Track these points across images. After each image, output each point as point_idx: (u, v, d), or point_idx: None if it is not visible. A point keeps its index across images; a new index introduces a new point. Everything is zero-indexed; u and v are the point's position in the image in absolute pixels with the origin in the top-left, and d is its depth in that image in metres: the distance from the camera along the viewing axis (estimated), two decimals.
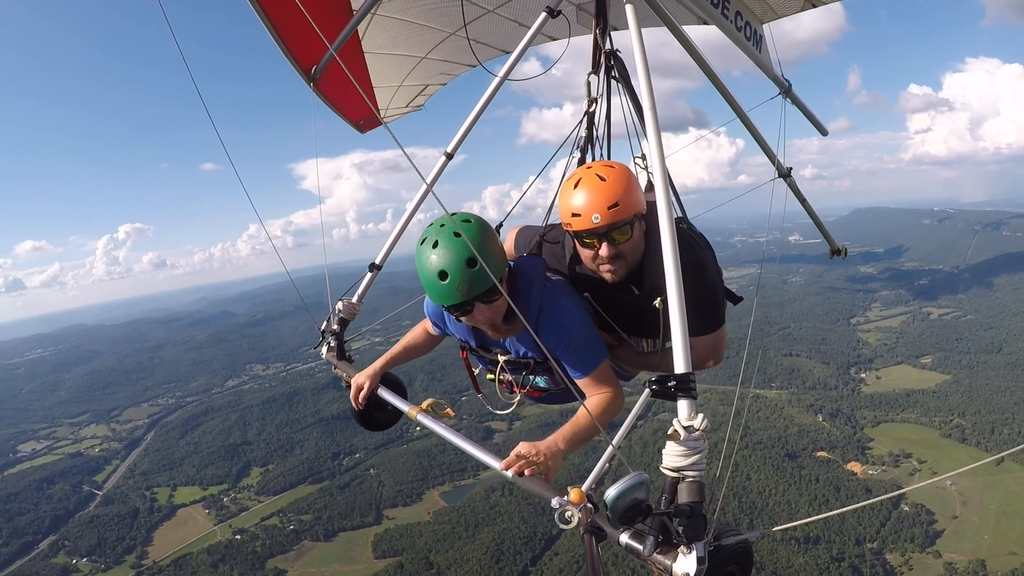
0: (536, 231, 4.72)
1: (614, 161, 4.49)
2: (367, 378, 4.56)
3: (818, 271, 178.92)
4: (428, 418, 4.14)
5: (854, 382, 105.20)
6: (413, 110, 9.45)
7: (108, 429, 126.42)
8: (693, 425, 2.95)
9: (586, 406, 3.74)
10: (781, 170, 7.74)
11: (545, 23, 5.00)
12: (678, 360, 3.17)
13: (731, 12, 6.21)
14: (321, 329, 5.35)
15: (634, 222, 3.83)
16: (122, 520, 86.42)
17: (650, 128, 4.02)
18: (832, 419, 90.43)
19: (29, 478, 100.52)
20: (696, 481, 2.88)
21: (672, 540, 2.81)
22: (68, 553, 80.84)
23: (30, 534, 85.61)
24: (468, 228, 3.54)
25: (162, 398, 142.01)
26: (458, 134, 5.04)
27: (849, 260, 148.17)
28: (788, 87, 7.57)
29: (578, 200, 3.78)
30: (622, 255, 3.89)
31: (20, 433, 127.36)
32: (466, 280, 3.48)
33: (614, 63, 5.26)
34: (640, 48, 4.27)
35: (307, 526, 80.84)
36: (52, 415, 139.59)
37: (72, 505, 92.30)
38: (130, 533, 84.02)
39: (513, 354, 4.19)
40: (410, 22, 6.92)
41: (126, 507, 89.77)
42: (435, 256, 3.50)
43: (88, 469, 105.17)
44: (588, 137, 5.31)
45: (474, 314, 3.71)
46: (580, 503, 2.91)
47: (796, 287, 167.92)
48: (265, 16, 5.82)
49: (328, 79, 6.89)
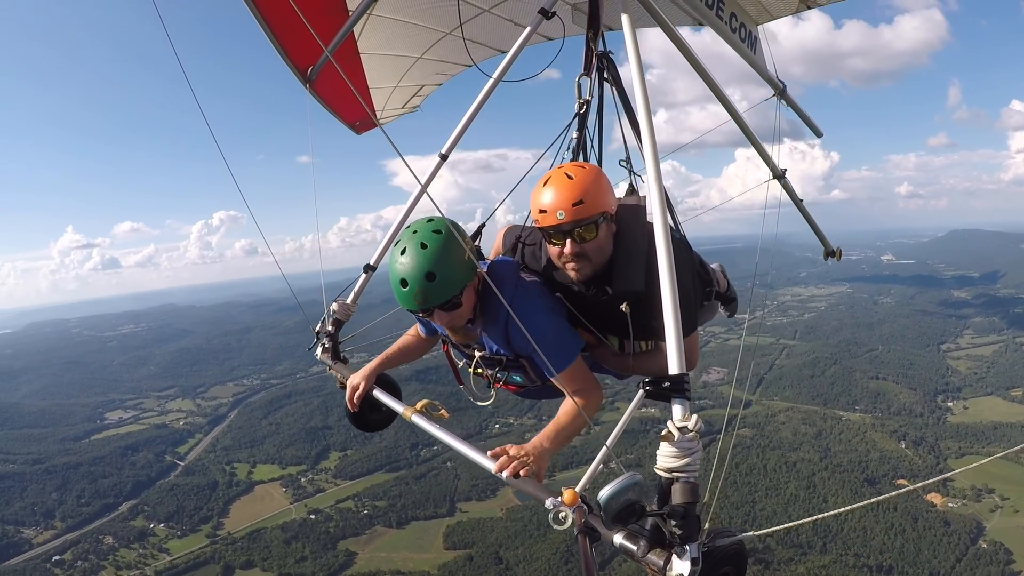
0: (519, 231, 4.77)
1: (587, 163, 4.63)
2: (362, 379, 4.60)
3: (910, 293, 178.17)
4: (423, 419, 4.20)
5: (940, 410, 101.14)
6: (409, 111, 9.49)
7: (193, 404, 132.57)
8: (687, 426, 2.96)
9: (565, 406, 3.84)
10: (775, 171, 7.79)
11: (540, 23, 5.08)
12: (672, 362, 3.18)
13: (726, 14, 6.25)
14: (316, 330, 5.38)
15: (599, 221, 3.85)
16: (201, 491, 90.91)
17: (644, 130, 4.05)
18: (915, 447, 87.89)
19: (114, 444, 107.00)
20: (690, 482, 2.90)
21: (666, 541, 2.83)
22: (147, 518, 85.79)
23: (111, 496, 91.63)
24: (435, 240, 3.70)
25: (247, 379, 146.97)
26: (452, 135, 5.13)
27: (943, 284, 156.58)
28: (783, 89, 7.61)
29: (545, 197, 3.84)
30: (586, 254, 3.91)
31: (109, 402, 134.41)
32: (423, 291, 3.67)
33: (606, 64, 5.29)
34: (635, 49, 4.32)
35: (380, 512, 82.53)
36: (140, 387, 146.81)
37: (154, 473, 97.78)
38: (208, 504, 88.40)
39: (487, 351, 4.26)
40: (406, 22, 6.95)
41: (206, 479, 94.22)
42: (399, 263, 3.71)
43: (172, 440, 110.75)
44: (579, 139, 5.31)
45: (434, 317, 3.90)
46: (574, 504, 2.92)
47: (887, 308, 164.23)
48: (261, 17, 5.86)
49: (324, 80, 6.94)
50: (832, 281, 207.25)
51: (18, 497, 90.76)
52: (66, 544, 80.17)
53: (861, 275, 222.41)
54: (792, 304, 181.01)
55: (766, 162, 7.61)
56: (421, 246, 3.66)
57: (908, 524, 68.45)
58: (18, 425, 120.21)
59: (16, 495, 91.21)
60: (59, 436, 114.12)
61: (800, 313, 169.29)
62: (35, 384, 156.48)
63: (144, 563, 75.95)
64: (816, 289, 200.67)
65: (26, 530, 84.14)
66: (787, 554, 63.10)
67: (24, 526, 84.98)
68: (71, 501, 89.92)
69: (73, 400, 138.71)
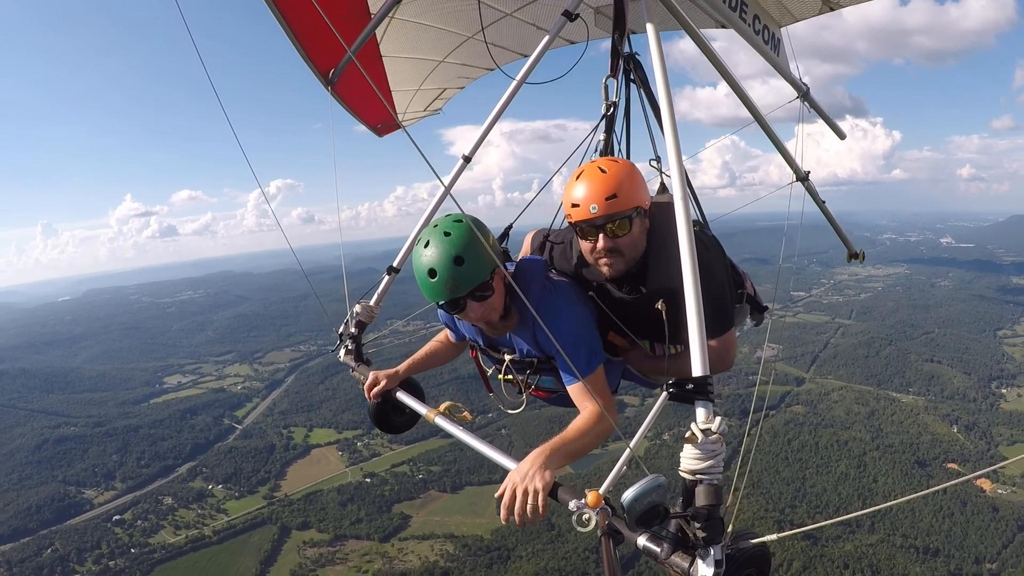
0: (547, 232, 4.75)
1: (620, 158, 4.56)
2: (386, 377, 4.60)
3: (968, 277, 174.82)
4: (446, 420, 4.15)
5: (994, 397, 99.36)
6: (431, 114, 9.43)
7: (251, 369, 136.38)
8: (711, 428, 2.93)
9: (577, 420, 3.70)
10: (799, 174, 7.65)
11: (563, 27, 5.05)
12: (695, 363, 3.14)
13: (749, 16, 6.16)
14: (339, 332, 5.41)
15: (633, 216, 3.83)
16: (258, 454, 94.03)
17: (668, 130, 3.99)
18: (967, 432, 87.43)
19: (173, 408, 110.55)
20: (713, 484, 2.88)
21: (689, 543, 2.82)
22: (205, 479, 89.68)
23: (171, 458, 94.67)
24: (458, 228, 3.66)
25: (304, 345, 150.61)
26: (477, 137, 5.13)
27: (1002, 270, 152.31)
28: (806, 91, 7.47)
29: (578, 191, 3.82)
30: (619, 250, 3.89)
31: (167, 367, 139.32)
32: (453, 278, 3.60)
33: (633, 67, 5.26)
34: (658, 51, 4.26)
35: (435, 476, 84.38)
36: (198, 352, 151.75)
37: (212, 436, 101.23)
38: (265, 466, 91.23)
39: (517, 353, 4.24)
40: (428, 26, 6.91)
41: (263, 442, 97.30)
42: (426, 255, 3.65)
43: (230, 404, 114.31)
44: (607, 141, 5.27)
45: (467, 312, 3.82)
46: (597, 506, 2.87)
47: (944, 292, 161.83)
48: (283, 19, 5.85)
49: (346, 83, 6.90)
50: (890, 262, 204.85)
51: (79, 459, 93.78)
52: (126, 504, 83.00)
53: (920, 257, 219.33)
54: (849, 283, 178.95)
55: (789, 164, 7.49)
56: (445, 235, 3.64)
57: (956, 508, 67.98)
58: (79, 389, 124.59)
59: (77, 457, 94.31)
60: (119, 400, 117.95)
61: (857, 293, 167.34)
62: (95, 349, 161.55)
63: (202, 523, 78.43)
64: (874, 269, 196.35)
65: (87, 491, 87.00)
66: (835, 532, 62.88)
67: (85, 487, 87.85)
68: (131, 463, 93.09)
69: (132, 365, 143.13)
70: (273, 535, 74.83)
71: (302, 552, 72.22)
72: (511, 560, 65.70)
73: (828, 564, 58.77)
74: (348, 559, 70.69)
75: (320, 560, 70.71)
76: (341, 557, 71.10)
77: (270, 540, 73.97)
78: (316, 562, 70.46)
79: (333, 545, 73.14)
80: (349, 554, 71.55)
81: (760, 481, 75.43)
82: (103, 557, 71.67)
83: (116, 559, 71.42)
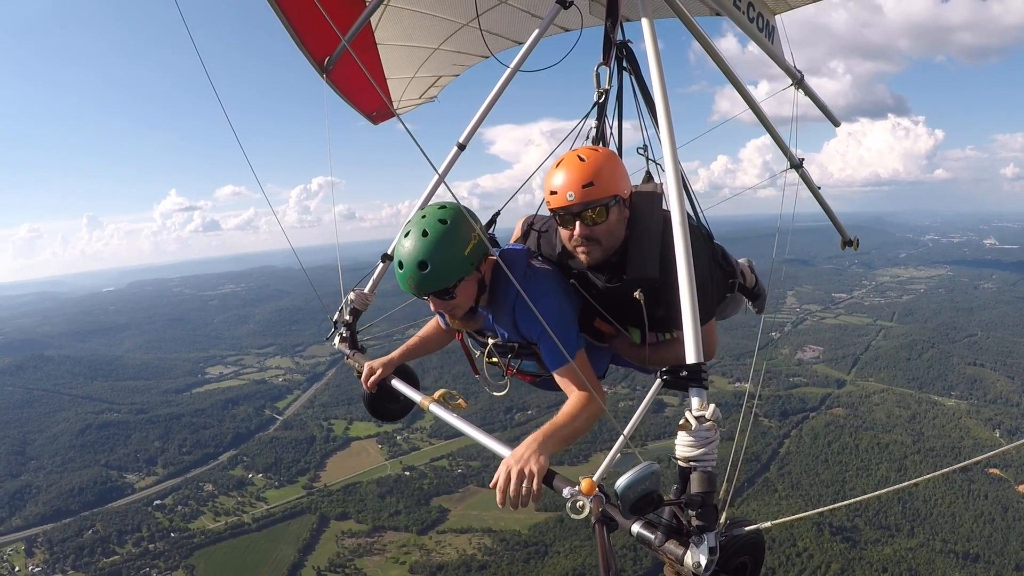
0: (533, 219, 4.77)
1: (601, 147, 4.55)
2: (381, 365, 4.69)
3: (1012, 279, 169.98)
4: (440, 408, 4.21)
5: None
6: (426, 101, 9.43)
7: (292, 362, 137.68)
8: (704, 415, 2.95)
9: (566, 406, 3.72)
10: (793, 161, 7.70)
11: (557, 14, 5.07)
12: (689, 351, 3.17)
13: (743, 3, 6.15)
14: (333, 320, 5.49)
15: (611, 205, 3.82)
16: (299, 444, 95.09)
17: (662, 119, 4.02)
18: (1010, 437, 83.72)
19: (215, 398, 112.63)
20: (707, 471, 2.89)
21: (683, 530, 2.83)
22: (245, 468, 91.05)
23: (212, 446, 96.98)
24: (437, 229, 3.71)
25: None
26: (470, 125, 5.18)
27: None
28: (800, 78, 7.48)
29: (556, 179, 3.83)
30: (596, 238, 3.88)
31: (210, 357, 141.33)
32: (414, 279, 3.71)
33: (625, 54, 5.23)
34: (652, 39, 4.28)
35: (474, 471, 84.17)
36: (240, 344, 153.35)
37: (253, 426, 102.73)
38: (305, 457, 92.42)
39: (499, 338, 4.27)
40: (423, 13, 6.94)
41: (303, 433, 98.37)
42: (403, 247, 3.76)
43: (271, 395, 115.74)
44: (599, 129, 5.27)
45: (430, 303, 3.95)
46: (591, 493, 2.91)
47: (988, 294, 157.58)
48: (278, 7, 5.91)
49: (341, 70, 6.93)
50: (932, 263, 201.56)
51: (122, 444, 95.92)
52: (167, 490, 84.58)
53: (962, 259, 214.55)
54: (891, 285, 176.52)
55: (784, 152, 7.51)
56: (423, 233, 3.69)
57: (997, 514, 67.08)
58: (122, 377, 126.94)
59: (120, 442, 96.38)
60: (161, 388, 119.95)
61: (899, 295, 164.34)
62: (138, 339, 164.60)
63: (242, 510, 79.54)
64: (916, 271, 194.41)
65: (129, 475, 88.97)
66: (874, 535, 62.64)
67: (127, 471, 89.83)
68: (173, 449, 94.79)
69: (175, 355, 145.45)
70: (312, 524, 75.48)
71: (340, 542, 72.82)
72: (548, 556, 65.70)
73: (867, 567, 58.34)
74: (386, 550, 71.22)
75: (358, 550, 71.30)
76: (379, 548, 71.64)
77: (309, 529, 74.62)
78: (354, 552, 71.05)
79: (371, 536, 73.72)
80: (387, 545, 72.08)
81: (799, 483, 75.15)
82: (143, 540, 73.00)
83: (156, 542, 72.69)
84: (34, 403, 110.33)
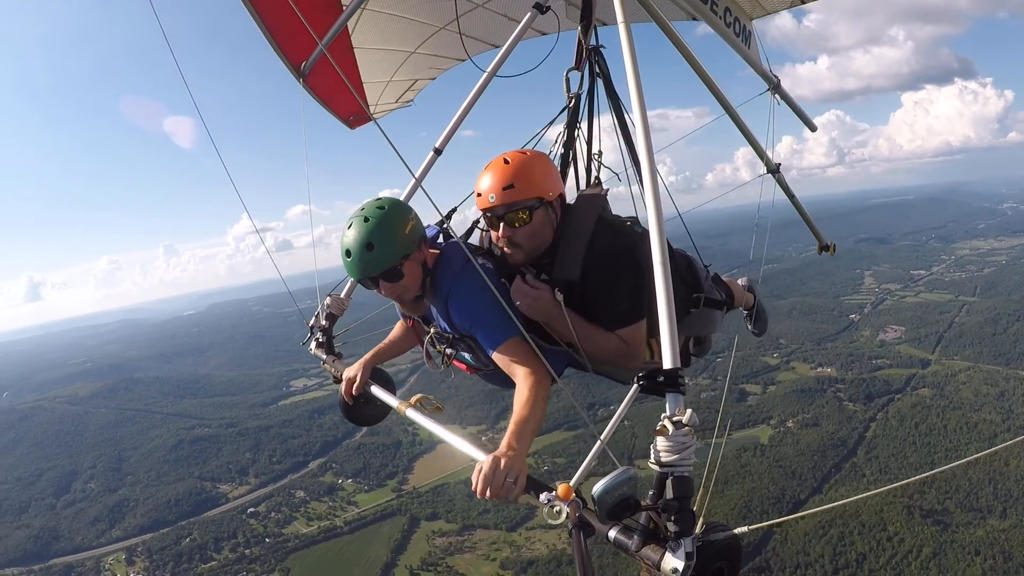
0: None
1: (532, 150, 4.47)
2: (357, 372, 4.83)
3: None
4: (417, 413, 4.30)
5: None
6: (403, 106, 9.50)
7: None
8: (681, 420, 2.92)
9: (516, 398, 3.81)
10: (770, 166, 7.67)
11: (535, 18, 5.08)
12: (665, 356, 3.15)
13: (720, 8, 6.18)
14: (310, 325, 5.75)
15: (534, 207, 3.88)
16: (386, 450, 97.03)
17: (638, 123, 3.97)
18: None
19: (301, 409, 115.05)
20: (684, 476, 2.86)
21: (660, 536, 2.82)
22: (335, 474, 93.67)
23: (301, 455, 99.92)
24: (377, 215, 3.84)
25: None
26: (446, 130, 5.22)
27: None
28: (776, 83, 7.55)
29: (482, 181, 3.95)
30: (516, 242, 3.97)
31: (293, 371, 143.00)
32: (363, 260, 3.81)
33: (597, 59, 5.28)
34: (628, 43, 4.24)
35: (560, 468, 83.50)
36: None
37: (340, 434, 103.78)
38: (393, 461, 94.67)
39: (438, 328, 4.38)
40: (399, 16, 7.04)
41: (390, 439, 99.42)
42: (346, 236, 3.85)
43: None
44: (570, 134, 5.33)
45: (380, 290, 4.02)
46: (568, 498, 2.95)
47: None
48: (255, 12, 6.03)
49: (317, 75, 7.02)
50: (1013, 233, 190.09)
51: (214, 456, 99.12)
52: (260, 498, 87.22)
53: None
54: (971, 258, 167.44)
55: (760, 156, 7.44)
56: (364, 220, 3.81)
57: None
58: (210, 394, 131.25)
59: (212, 455, 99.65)
60: (249, 403, 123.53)
61: (980, 268, 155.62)
62: (222, 357, 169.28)
63: (334, 515, 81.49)
64: (996, 241, 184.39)
65: (222, 485, 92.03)
66: (965, 517, 60.63)
67: (220, 482, 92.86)
68: (263, 460, 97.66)
69: (259, 370, 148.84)
70: (403, 525, 76.89)
71: (431, 541, 74.02)
72: None
73: (959, 550, 56.59)
74: (476, 548, 72.13)
75: (449, 549, 72.45)
76: (469, 546, 72.64)
77: (400, 530, 75.99)
78: (445, 551, 72.22)
79: (461, 535, 74.76)
80: (477, 543, 72.98)
81: (887, 467, 73.12)
82: (239, 546, 75.48)
83: (251, 548, 75.02)
84: (127, 423, 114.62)
